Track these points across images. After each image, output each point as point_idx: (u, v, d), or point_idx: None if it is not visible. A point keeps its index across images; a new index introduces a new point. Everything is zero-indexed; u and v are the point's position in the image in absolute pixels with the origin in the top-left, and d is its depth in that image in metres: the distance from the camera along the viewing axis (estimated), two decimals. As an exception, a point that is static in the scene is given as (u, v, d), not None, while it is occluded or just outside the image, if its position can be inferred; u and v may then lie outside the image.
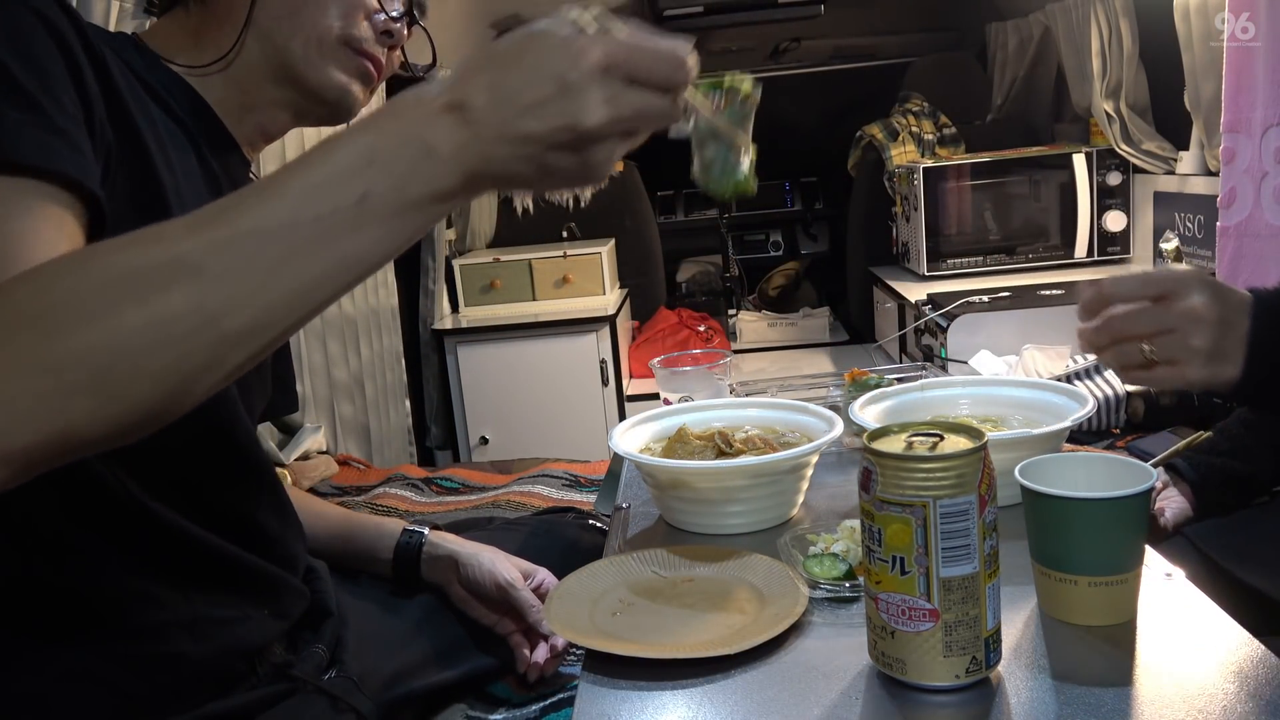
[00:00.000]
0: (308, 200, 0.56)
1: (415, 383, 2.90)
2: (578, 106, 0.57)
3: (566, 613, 0.79)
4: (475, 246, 3.30)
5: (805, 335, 3.66)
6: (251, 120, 0.92)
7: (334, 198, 0.57)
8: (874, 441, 0.66)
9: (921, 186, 2.74)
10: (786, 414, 1.11)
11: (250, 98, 0.90)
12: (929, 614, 0.64)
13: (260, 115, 0.92)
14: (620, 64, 0.58)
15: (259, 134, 0.93)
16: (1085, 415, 0.97)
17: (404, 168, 0.58)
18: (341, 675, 0.93)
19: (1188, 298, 0.79)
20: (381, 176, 0.57)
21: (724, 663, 0.70)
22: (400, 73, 0.98)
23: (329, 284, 0.58)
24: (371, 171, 0.57)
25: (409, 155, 0.58)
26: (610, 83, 0.58)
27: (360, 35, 0.90)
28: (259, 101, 0.91)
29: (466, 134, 0.58)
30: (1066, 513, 0.72)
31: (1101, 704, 0.62)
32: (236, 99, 0.90)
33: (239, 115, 0.91)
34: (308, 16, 0.87)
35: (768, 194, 4.32)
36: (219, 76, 0.89)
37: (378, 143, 0.58)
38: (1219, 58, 1.92)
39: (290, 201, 0.56)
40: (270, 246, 0.56)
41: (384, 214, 0.58)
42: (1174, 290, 0.80)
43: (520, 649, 1.10)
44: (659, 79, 0.60)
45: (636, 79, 0.59)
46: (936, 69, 3.32)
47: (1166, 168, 2.50)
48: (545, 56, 0.58)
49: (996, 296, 2.37)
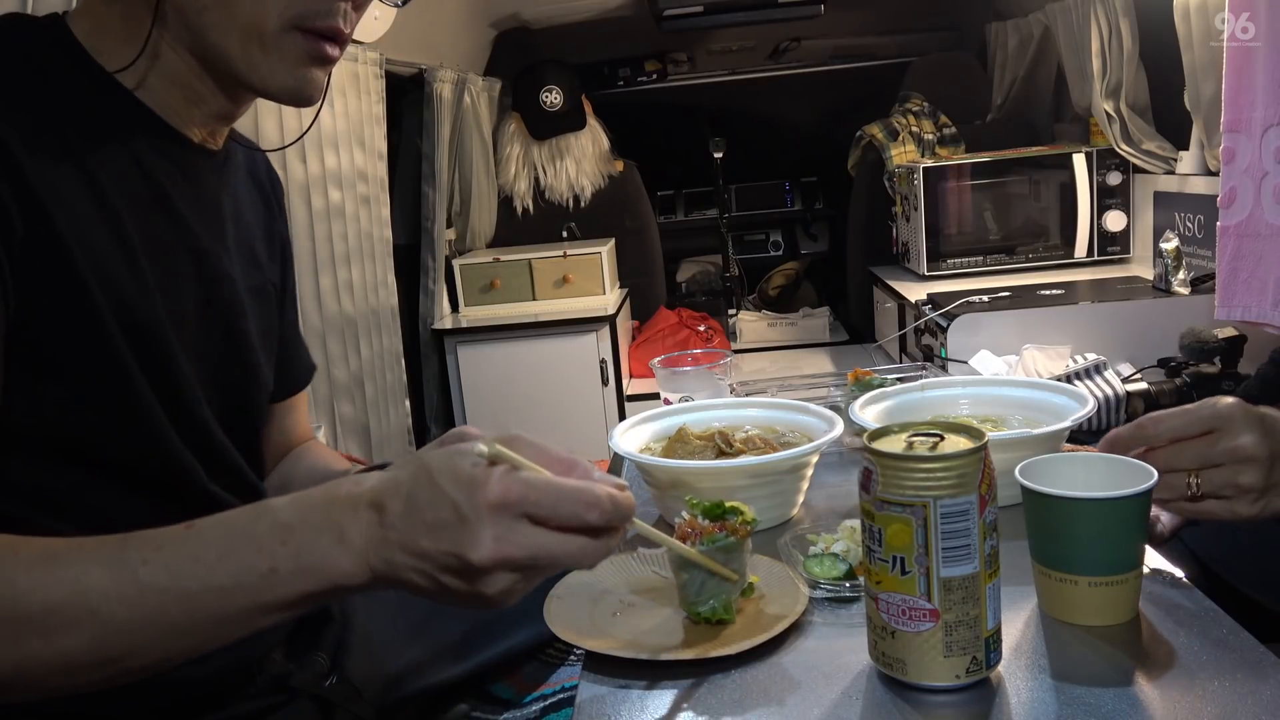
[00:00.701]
0: (218, 567, 0.60)
1: (415, 383, 2.90)
2: (467, 538, 0.58)
3: (566, 612, 0.79)
4: (475, 246, 3.30)
5: (805, 335, 3.66)
6: (200, 112, 0.82)
7: (242, 569, 0.60)
8: (874, 441, 0.66)
9: (921, 186, 2.73)
10: (786, 414, 1.11)
11: (194, 92, 0.80)
12: (929, 614, 0.64)
13: (210, 105, 0.81)
14: (517, 502, 0.58)
15: (216, 120, 0.84)
16: (1085, 415, 0.97)
17: (315, 552, 0.60)
18: (342, 680, 0.92)
19: (1236, 436, 0.76)
20: (291, 556, 0.60)
21: (724, 663, 0.70)
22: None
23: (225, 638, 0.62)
24: (283, 550, 0.60)
25: (322, 541, 0.60)
26: (501, 521, 0.58)
27: (309, 11, 0.75)
28: (204, 93, 0.80)
29: (379, 533, 0.60)
30: (1066, 513, 0.72)
31: (1101, 704, 0.62)
32: (179, 95, 0.79)
33: (185, 110, 0.81)
34: (240, 6, 0.74)
35: (768, 194, 4.32)
36: (153, 76, 0.78)
37: (297, 521, 0.61)
38: (1219, 58, 1.92)
39: (202, 567, 0.60)
40: (174, 608, 0.60)
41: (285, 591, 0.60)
42: (1220, 427, 0.77)
43: None
44: (562, 519, 0.59)
45: (537, 518, 0.59)
46: (936, 69, 3.32)
47: (1166, 168, 2.50)
48: (450, 482, 0.59)
49: (996, 296, 2.37)
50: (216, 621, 0.61)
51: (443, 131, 2.85)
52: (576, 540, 0.60)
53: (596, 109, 3.43)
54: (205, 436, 0.82)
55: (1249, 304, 1.88)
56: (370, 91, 2.36)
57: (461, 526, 0.58)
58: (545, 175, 3.35)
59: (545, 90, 3.26)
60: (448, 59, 2.83)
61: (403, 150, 2.93)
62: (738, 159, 3.82)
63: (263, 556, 0.60)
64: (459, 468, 0.60)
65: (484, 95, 3.21)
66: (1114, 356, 2.08)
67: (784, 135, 4.34)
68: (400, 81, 2.74)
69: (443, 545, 0.59)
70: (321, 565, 0.60)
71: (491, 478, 0.59)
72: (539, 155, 3.33)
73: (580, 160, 3.34)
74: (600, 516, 0.60)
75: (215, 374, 0.84)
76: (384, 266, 2.50)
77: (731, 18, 3.11)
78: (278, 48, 0.76)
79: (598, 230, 3.38)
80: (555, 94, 3.26)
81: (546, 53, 3.34)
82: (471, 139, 3.08)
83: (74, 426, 0.72)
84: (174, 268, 0.80)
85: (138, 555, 0.60)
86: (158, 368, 0.76)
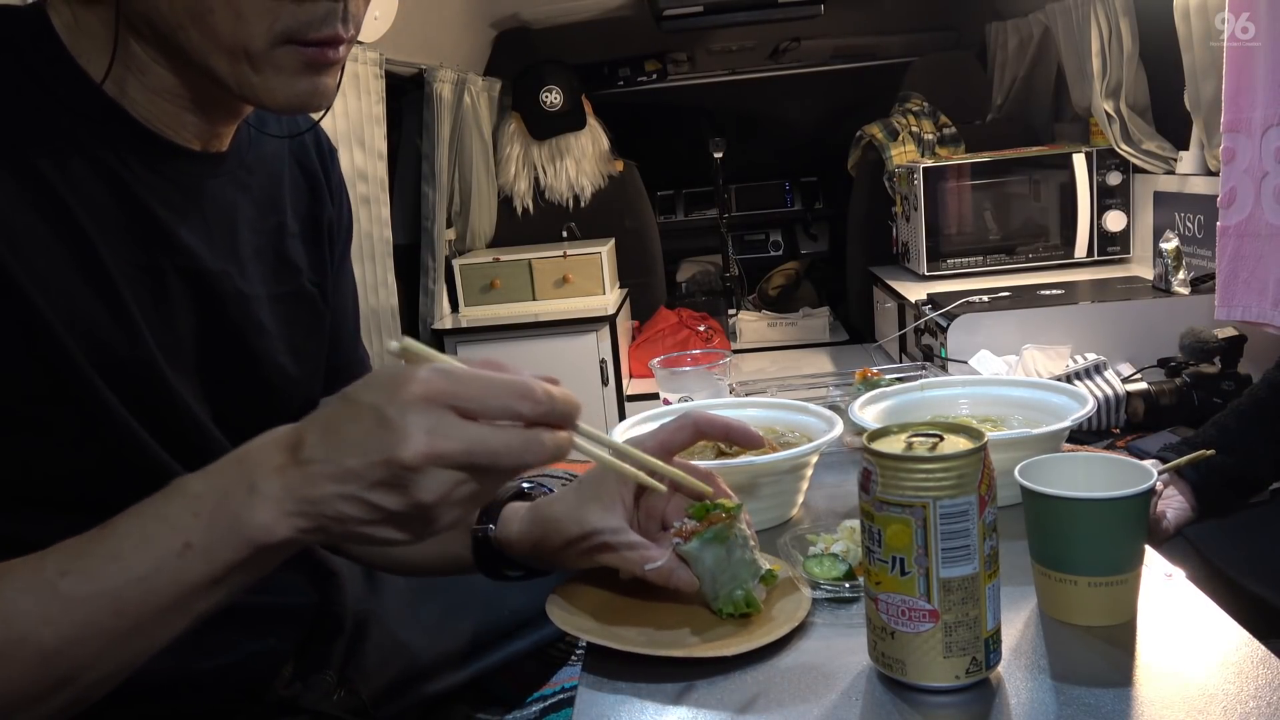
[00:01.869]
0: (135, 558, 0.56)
1: (415, 383, 2.89)
2: (393, 437, 0.53)
3: (566, 607, 0.79)
4: (475, 246, 3.30)
5: (805, 335, 3.66)
6: (196, 119, 0.73)
7: (159, 554, 0.56)
8: (874, 442, 0.66)
9: (921, 186, 2.74)
10: (786, 414, 1.11)
11: (185, 101, 0.71)
12: (929, 614, 0.64)
13: (206, 113, 0.73)
14: (442, 394, 0.54)
15: (218, 123, 0.75)
16: (1085, 415, 0.97)
17: (226, 514, 0.56)
18: (350, 693, 0.90)
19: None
20: (204, 527, 0.56)
21: (724, 663, 0.70)
22: None
23: (171, 630, 0.58)
24: (196, 522, 0.56)
25: (233, 499, 0.56)
26: (432, 413, 0.54)
27: (299, 24, 0.65)
28: (200, 102, 0.72)
29: (295, 474, 0.56)
30: (1066, 513, 0.72)
31: (1101, 704, 0.62)
32: (166, 106, 0.71)
33: (176, 117, 0.72)
34: (220, 25, 0.64)
35: (768, 194, 4.32)
36: (134, 87, 0.69)
37: (207, 488, 0.57)
38: (1219, 58, 1.92)
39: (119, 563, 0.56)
40: (103, 614, 0.56)
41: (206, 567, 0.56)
42: None
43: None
44: (495, 410, 0.55)
45: (467, 411, 0.55)
46: (936, 69, 3.32)
47: (1166, 168, 2.50)
48: (366, 391, 0.56)
49: (996, 296, 2.37)
50: (151, 616, 0.57)
51: (443, 131, 2.85)
52: (514, 431, 0.55)
53: (596, 109, 3.43)
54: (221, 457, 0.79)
55: (1249, 304, 1.88)
56: (370, 91, 2.37)
57: (385, 429, 0.54)
58: (545, 175, 3.35)
59: (545, 90, 3.26)
60: (448, 59, 2.83)
61: (403, 150, 2.93)
62: (738, 159, 3.82)
63: (176, 534, 0.56)
64: (375, 375, 0.57)
65: (484, 95, 3.21)
66: (1114, 356, 2.08)
67: (784, 135, 4.34)
68: (400, 81, 2.74)
69: (369, 455, 0.54)
70: (234, 527, 0.56)
71: (413, 374, 0.54)
72: (539, 155, 3.33)
73: (580, 160, 3.34)
74: (533, 409, 0.55)
75: (227, 395, 0.79)
76: (384, 266, 2.50)
77: (731, 18, 3.11)
78: (270, 64, 0.66)
79: (598, 230, 3.38)
80: (555, 94, 3.26)
81: (546, 53, 3.34)
82: (471, 139, 3.07)
83: (62, 474, 0.68)
84: (164, 294, 0.72)
85: (56, 569, 0.57)
86: (149, 403, 0.71)
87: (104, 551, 0.57)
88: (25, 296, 0.62)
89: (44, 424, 0.66)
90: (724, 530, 0.75)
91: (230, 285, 0.77)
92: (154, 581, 0.56)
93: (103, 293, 0.68)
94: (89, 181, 0.67)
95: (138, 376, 0.70)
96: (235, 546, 0.56)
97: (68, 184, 0.66)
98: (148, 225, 0.71)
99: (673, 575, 0.75)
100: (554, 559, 0.81)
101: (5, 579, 0.57)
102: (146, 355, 0.70)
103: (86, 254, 0.67)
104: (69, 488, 0.68)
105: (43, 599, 0.56)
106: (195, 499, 0.57)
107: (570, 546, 0.78)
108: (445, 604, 1.05)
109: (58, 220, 0.65)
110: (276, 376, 0.83)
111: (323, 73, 0.69)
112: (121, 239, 0.69)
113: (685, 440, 0.80)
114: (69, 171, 0.66)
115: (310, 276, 0.88)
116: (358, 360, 0.99)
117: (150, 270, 0.71)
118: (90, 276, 0.67)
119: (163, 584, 0.56)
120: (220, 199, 0.78)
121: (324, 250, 0.90)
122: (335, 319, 0.93)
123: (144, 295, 0.71)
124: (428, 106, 2.78)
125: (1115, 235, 2.70)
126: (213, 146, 0.77)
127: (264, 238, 0.83)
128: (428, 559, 0.89)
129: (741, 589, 0.75)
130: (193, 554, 0.56)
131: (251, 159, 0.82)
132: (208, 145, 0.76)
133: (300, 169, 0.89)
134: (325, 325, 0.90)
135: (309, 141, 0.90)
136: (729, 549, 0.75)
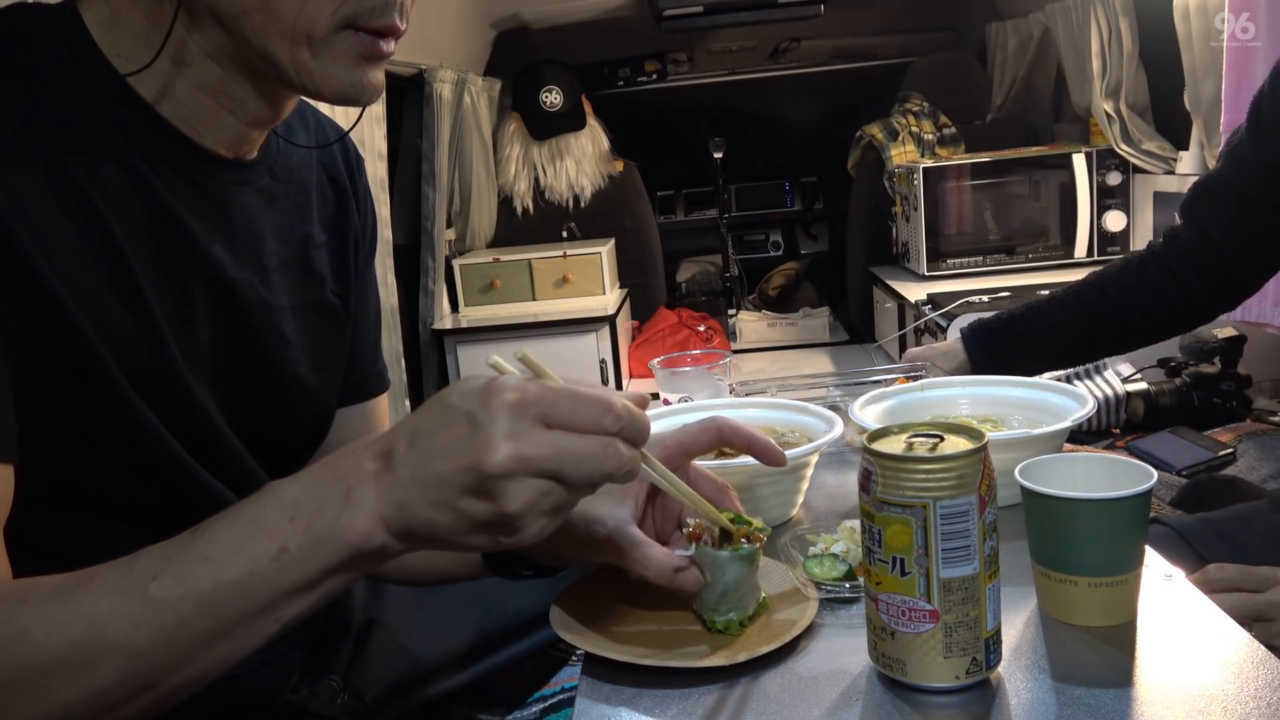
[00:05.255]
0: (228, 562, 0.57)
1: (415, 383, 2.90)
2: (482, 443, 0.54)
3: (567, 615, 0.79)
4: (475, 246, 3.30)
5: (805, 335, 3.66)
6: (235, 120, 0.73)
7: (253, 558, 0.56)
8: (874, 442, 0.66)
9: (921, 186, 2.74)
10: (786, 414, 1.11)
11: (229, 99, 0.71)
12: (929, 615, 0.64)
13: (247, 111, 0.73)
14: (532, 403, 0.55)
15: (252, 127, 0.75)
16: (1085, 415, 0.97)
17: (323, 520, 0.57)
18: (354, 696, 0.90)
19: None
20: (301, 531, 0.57)
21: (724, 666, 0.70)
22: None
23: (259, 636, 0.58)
24: (291, 526, 0.57)
25: (330, 506, 0.57)
26: (519, 420, 0.55)
27: (364, 9, 0.67)
28: (242, 99, 0.72)
29: (387, 480, 0.57)
30: (1066, 513, 0.72)
31: (1101, 704, 0.62)
32: (209, 104, 0.71)
33: (215, 120, 0.72)
34: (286, 7, 0.65)
35: (768, 194, 4.32)
36: (178, 84, 0.69)
37: (302, 493, 0.58)
38: (1219, 58, 1.92)
39: (212, 566, 0.56)
40: (194, 617, 0.56)
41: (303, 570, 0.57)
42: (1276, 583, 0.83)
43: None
44: (580, 423, 0.56)
45: (552, 421, 0.56)
46: (936, 69, 3.32)
47: (1166, 168, 2.50)
48: (461, 397, 0.57)
49: (996, 296, 2.37)
50: (242, 619, 0.57)
51: (443, 132, 2.85)
52: (599, 439, 0.56)
53: (596, 109, 3.43)
54: (238, 465, 0.78)
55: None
56: (370, 92, 2.36)
57: (476, 434, 0.54)
58: (545, 175, 3.35)
59: (545, 90, 3.26)
60: (448, 59, 2.83)
61: (403, 150, 2.93)
62: (738, 159, 3.82)
63: (272, 539, 0.56)
64: (470, 382, 0.57)
65: (484, 95, 3.21)
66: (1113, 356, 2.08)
67: (784, 135, 4.35)
68: (400, 82, 2.74)
69: (458, 461, 0.55)
70: (332, 531, 0.56)
71: (507, 383, 0.56)
72: (539, 155, 3.33)
73: (580, 160, 3.34)
74: (615, 422, 0.56)
75: (246, 404, 0.79)
76: (384, 266, 2.50)
77: (731, 18, 3.11)
78: (329, 49, 0.67)
79: (598, 230, 3.38)
80: (555, 94, 3.26)
81: (546, 53, 3.34)
82: (471, 139, 3.07)
83: (91, 479, 0.68)
84: (188, 302, 0.73)
85: (146, 572, 0.57)
86: (171, 410, 0.71)
87: (195, 555, 0.57)
88: (57, 300, 0.63)
89: (79, 431, 0.66)
90: (756, 553, 0.75)
91: (254, 295, 0.78)
92: (248, 585, 0.57)
93: (129, 299, 0.68)
94: (118, 185, 0.67)
95: (161, 384, 0.70)
96: (334, 551, 0.57)
97: (97, 187, 0.66)
98: (175, 232, 0.71)
99: (679, 575, 0.75)
100: (564, 553, 0.80)
101: (95, 582, 0.57)
102: (169, 363, 0.70)
103: (115, 259, 0.67)
104: (104, 495, 0.69)
105: (133, 602, 0.56)
106: (291, 503, 0.58)
107: (577, 536, 0.76)
108: (448, 607, 1.06)
109: (87, 224, 0.65)
110: (296, 387, 0.83)
111: (376, 64, 0.71)
112: (148, 245, 0.69)
113: (707, 445, 0.80)
114: (99, 175, 0.66)
115: (334, 288, 0.88)
116: (376, 374, 0.98)
117: (175, 278, 0.72)
118: (118, 283, 0.67)
119: (256, 587, 0.57)
120: (247, 208, 0.78)
121: (349, 261, 0.90)
122: (356, 330, 0.92)
123: (168, 303, 0.71)
124: (428, 107, 2.78)
125: (1115, 235, 2.70)
126: (243, 154, 0.76)
127: (289, 248, 0.83)
128: (442, 568, 0.89)
129: (740, 612, 0.75)
130: (288, 558, 0.57)
131: (279, 168, 0.82)
132: (238, 153, 0.76)
133: (328, 178, 0.89)
134: (347, 337, 0.91)
135: (337, 151, 0.90)
136: (750, 571, 0.75)
